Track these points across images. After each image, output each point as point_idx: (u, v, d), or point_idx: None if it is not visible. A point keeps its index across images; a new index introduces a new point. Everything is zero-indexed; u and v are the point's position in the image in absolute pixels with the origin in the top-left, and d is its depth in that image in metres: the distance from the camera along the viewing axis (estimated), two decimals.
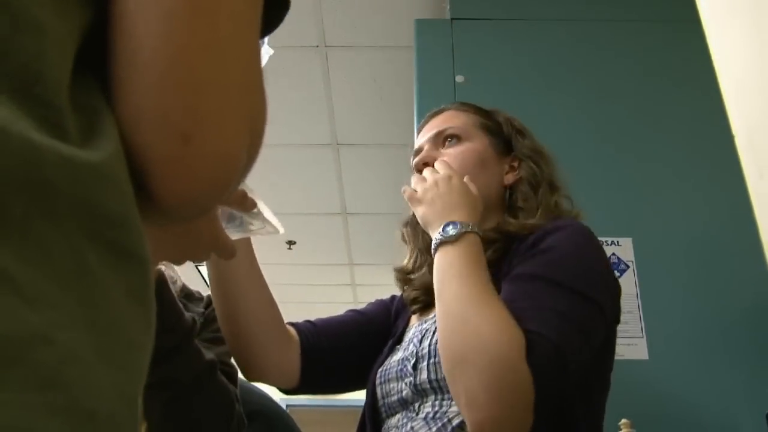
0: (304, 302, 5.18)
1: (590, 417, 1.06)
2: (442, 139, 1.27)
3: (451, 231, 1.07)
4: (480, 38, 2.24)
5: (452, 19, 2.28)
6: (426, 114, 1.37)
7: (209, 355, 1.11)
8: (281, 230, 0.88)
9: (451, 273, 1.03)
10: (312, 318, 1.30)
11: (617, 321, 1.11)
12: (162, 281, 1.05)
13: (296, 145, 3.49)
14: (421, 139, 1.30)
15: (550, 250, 1.05)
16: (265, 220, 0.86)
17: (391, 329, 1.29)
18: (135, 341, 0.36)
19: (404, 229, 1.34)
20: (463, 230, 1.06)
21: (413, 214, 1.30)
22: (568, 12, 2.29)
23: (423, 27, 2.32)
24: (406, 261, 1.32)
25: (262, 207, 0.85)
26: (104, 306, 0.34)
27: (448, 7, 2.33)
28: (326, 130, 3.41)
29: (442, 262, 1.06)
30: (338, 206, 4.15)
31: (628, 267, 1.87)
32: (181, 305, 1.08)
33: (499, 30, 2.26)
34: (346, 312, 1.36)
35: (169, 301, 1.06)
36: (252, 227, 0.86)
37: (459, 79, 2.13)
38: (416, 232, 1.30)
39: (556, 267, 1.03)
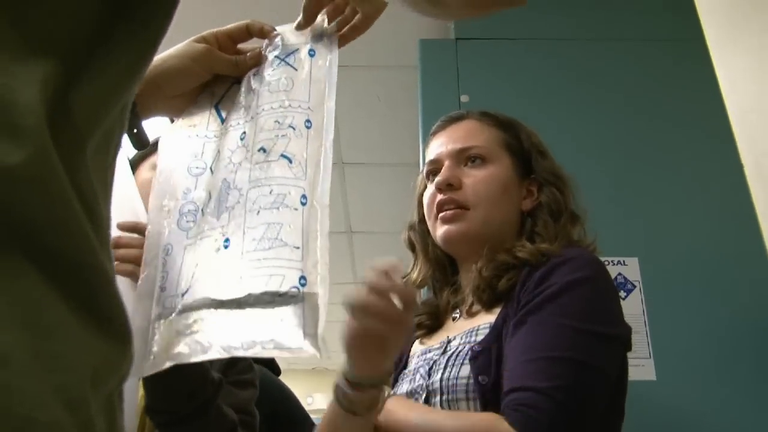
0: None
1: None
2: (465, 157, 1.23)
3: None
4: (484, 58, 2.25)
5: (456, 39, 2.28)
6: (440, 120, 1.33)
7: (232, 414, 1.11)
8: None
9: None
10: None
11: (629, 348, 1.09)
12: None
13: None
14: (440, 148, 1.25)
15: (560, 290, 1.02)
16: None
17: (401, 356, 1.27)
18: (81, 345, 0.35)
19: (410, 234, 1.32)
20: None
21: (420, 218, 1.28)
22: (572, 32, 2.29)
23: (427, 47, 2.32)
24: (411, 270, 1.30)
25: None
26: (41, 310, 0.33)
27: (453, 27, 2.33)
28: None
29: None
30: (343, 225, 4.14)
31: (634, 287, 1.85)
32: (207, 366, 1.09)
33: (504, 50, 2.27)
34: None
35: (196, 364, 1.07)
36: None
37: (464, 98, 2.13)
38: (424, 239, 1.28)
39: (567, 309, 1.01)
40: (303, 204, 0.70)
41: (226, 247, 0.71)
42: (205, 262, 0.71)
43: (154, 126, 0.89)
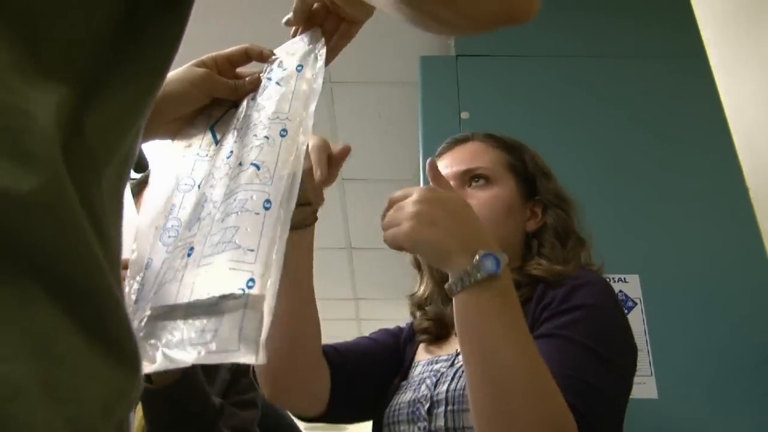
0: None
1: None
2: (468, 177, 1.23)
3: (490, 266, 0.87)
4: (485, 75, 2.25)
5: (457, 55, 2.29)
6: (445, 142, 1.34)
7: None
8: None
9: (502, 325, 0.87)
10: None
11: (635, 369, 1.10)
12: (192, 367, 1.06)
13: None
14: (444, 170, 1.24)
15: (587, 314, 1.02)
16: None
17: (400, 362, 1.26)
18: (91, 374, 0.34)
19: None
20: (505, 264, 0.89)
21: None
22: (573, 48, 2.30)
23: (428, 63, 2.33)
24: (417, 288, 1.29)
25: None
26: (51, 339, 0.32)
27: (453, 43, 2.34)
28: None
29: (486, 306, 0.88)
30: (343, 241, 4.14)
31: (635, 304, 1.85)
32: (207, 390, 1.08)
33: (504, 66, 2.27)
34: (357, 339, 1.30)
35: (196, 388, 1.06)
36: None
37: (464, 115, 2.13)
38: None
39: (597, 335, 1.00)
40: (266, 208, 0.68)
41: (189, 255, 0.70)
42: (171, 270, 0.71)
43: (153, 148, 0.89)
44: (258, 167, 0.72)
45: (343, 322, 5.44)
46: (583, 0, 2.39)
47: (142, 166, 0.85)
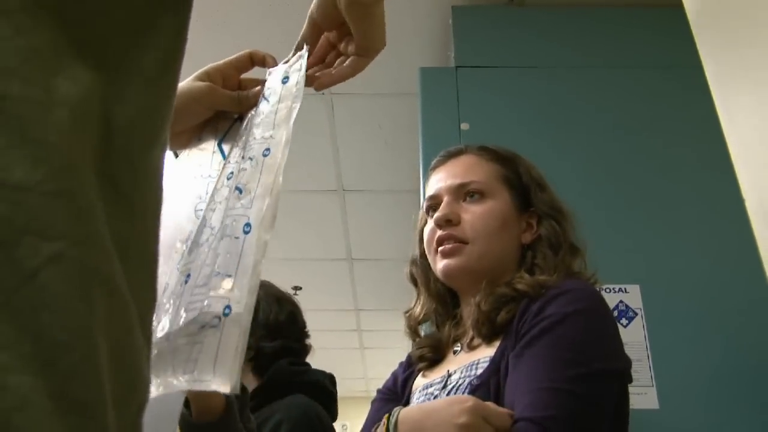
0: None
1: None
2: (463, 192, 1.23)
3: None
4: (484, 86, 2.26)
5: (457, 67, 2.30)
6: (439, 155, 1.34)
7: None
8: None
9: None
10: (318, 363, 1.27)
11: (629, 381, 1.08)
12: (230, 403, 1.08)
13: (302, 191, 3.51)
14: (439, 184, 1.26)
15: (556, 322, 1.02)
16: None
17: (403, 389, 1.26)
18: (100, 387, 0.34)
19: (412, 268, 1.32)
20: None
21: (421, 252, 1.29)
22: (573, 59, 2.31)
23: (428, 75, 2.34)
24: (413, 305, 1.30)
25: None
26: (62, 347, 0.32)
27: (453, 55, 2.35)
28: (332, 175, 3.43)
29: None
30: (344, 252, 4.14)
31: (636, 314, 1.85)
32: (241, 426, 1.10)
33: (504, 78, 2.28)
34: (376, 399, 1.29)
35: (236, 425, 1.08)
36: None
37: (464, 126, 2.14)
38: (426, 274, 1.28)
39: (562, 341, 1.00)
40: (246, 232, 0.68)
41: (186, 281, 0.70)
42: (173, 293, 0.71)
43: None
44: (240, 191, 0.72)
45: (344, 332, 5.44)
46: (582, 12, 2.40)
47: None
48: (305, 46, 0.87)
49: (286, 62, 0.88)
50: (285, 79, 0.85)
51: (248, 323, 0.61)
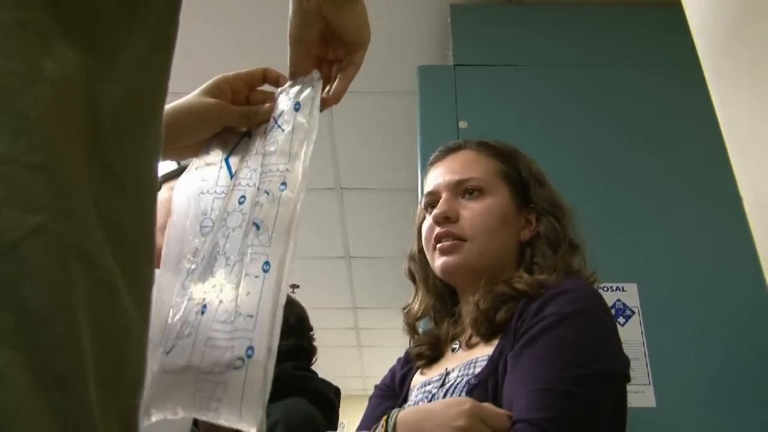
0: None
1: None
2: (462, 189, 1.22)
3: None
4: (483, 84, 2.26)
5: (455, 65, 2.30)
6: (437, 150, 1.33)
7: None
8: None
9: None
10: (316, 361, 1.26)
11: (627, 381, 1.08)
12: None
13: None
14: (437, 179, 1.25)
15: (555, 322, 1.02)
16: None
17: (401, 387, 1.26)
18: (82, 363, 0.33)
19: (410, 264, 1.31)
20: None
21: (419, 248, 1.28)
22: (571, 58, 2.31)
23: (426, 73, 2.34)
24: (411, 301, 1.30)
25: None
26: (44, 320, 0.31)
27: (451, 53, 2.35)
28: (330, 174, 3.43)
29: None
30: (342, 250, 4.14)
31: (633, 313, 1.85)
32: None
33: (502, 76, 2.28)
34: (373, 395, 1.29)
35: None
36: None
37: (462, 124, 2.14)
38: (424, 270, 1.28)
39: (560, 342, 1.00)
40: (265, 271, 0.68)
41: (202, 312, 0.70)
42: (187, 324, 0.71)
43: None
44: (258, 227, 0.72)
45: (341, 330, 5.44)
46: (580, 10, 2.40)
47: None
48: (316, 72, 0.86)
49: (293, 85, 0.87)
50: (297, 106, 0.84)
51: (272, 366, 0.63)
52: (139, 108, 0.42)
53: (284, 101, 0.86)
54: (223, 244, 0.75)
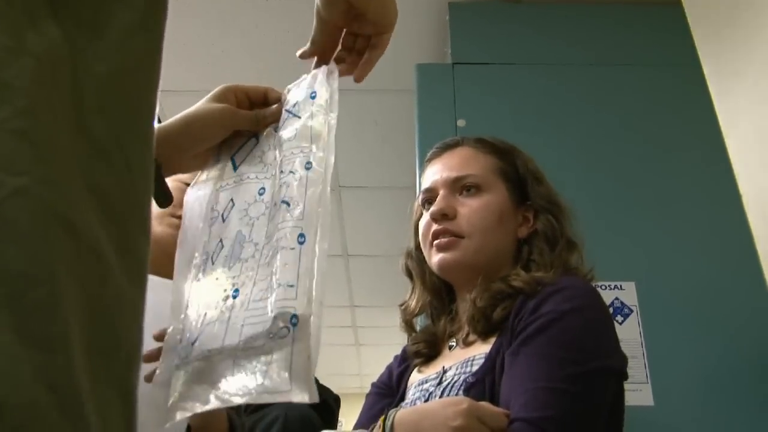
0: None
1: None
2: (460, 186, 1.22)
3: None
4: (481, 82, 2.26)
5: (453, 63, 2.30)
6: (435, 147, 1.32)
7: None
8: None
9: None
10: None
11: (624, 378, 1.08)
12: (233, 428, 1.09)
13: None
14: (435, 176, 1.25)
15: (552, 320, 1.01)
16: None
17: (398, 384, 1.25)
18: (66, 325, 0.33)
19: (407, 261, 1.31)
20: None
21: (416, 244, 1.28)
22: (568, 57, 2.31)
23: (424, 71, 2.33)
24: (408, 298, 1.29)
25: None
26: (28, 281, 0.31)
27: (449, 51, 2.35)
28: None
29: None
30: (339, 248, 4.14)
31: (631, 311, 1.85)
32: None
33: (501, 74, 2.28)
34: (370, 393, 1.29)
35: None
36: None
37: (460, 122, 2.14)
38: (421, 266, 1.27)
39: (557, 340, 1.00)
40: (301, 243, 0.69)
41: (234, 296, 0.71)
42: (213, 311, 0.72)
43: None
44: (288, 204, 0.73)
45: (339, 329, 5.43)
46: (578, 9, 2.40)
47: (168, 199, 0.85)
48: (333, 64, 0.88)
49: (303, 56, 0.90)
50: (313, 94, 0.86)
51: (318, 331, 0.62)
52: (126, 87, 0.42)
53: (297, 94, 0.88)
54: (248, 233, 0.76)
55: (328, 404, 1.80)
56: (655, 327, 1.84)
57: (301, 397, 0.58)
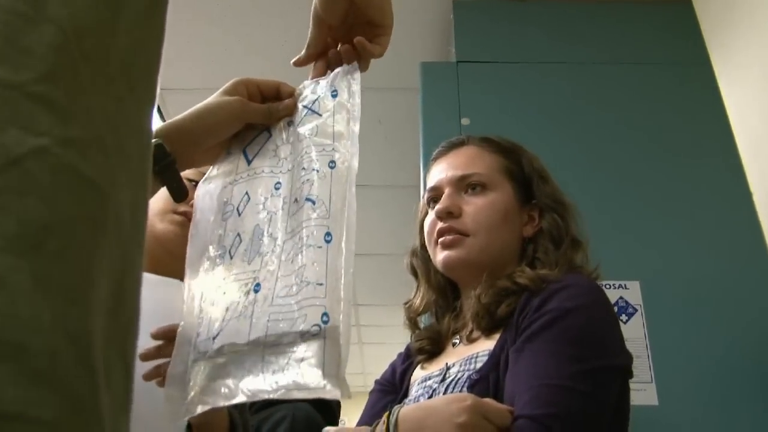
0: None
1: None
2: (465, 184, 1.22)
3: None
4: (485, 81, 2.26)
5: (457, 62, 2.29)
6: (440, 146, 1.32)
7: None
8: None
9: None
10: None
11: (630, 376, 1.07)
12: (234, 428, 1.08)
13: None
14: (440, 175, 1.25)
15: (556, 317, 1.01)
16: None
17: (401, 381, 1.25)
18: (86, 274, 0.33)
19: (412, 259, 1.31)
20: None
21: (421, 243, 1.28)
22: (573, 55, 2.30)
23: (428, 70, 2.33)
24: (413, 296, 1.29)
25: None
26: (47, 230, 0.31)
27: (454, 50, 2.35)
28: None
29: None
30: None
31: (636, 311, 1.85)
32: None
33: (505, 73, 2.28)
34: (374, 390, 1.29)
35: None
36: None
37: (464, 121, 2.13)
38: (426, 265, 1.27)
39: (562, 337, 0.99)
40: (327, 241, 0.70)
41: (256, 291, 0.71)
42: (234, 305, 0.72)
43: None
44: (313, 202, 0.74)
45: None
46: (583, 7, 2.40)
47: (182, 194, 0.85)
48: (355, 63, 0.88)
49: (297, 63, 0.90)
50: (334, 93, 0.86)
51: (348, 331, 0.63)
52: (143, 60, 0.42)
53: (316, 90, 0.88)
54: (266, 227, 0.77)
55: (330, 405, 1.80)
56: (660, 326, 1.83)
57: (333, 393, 0.59)
